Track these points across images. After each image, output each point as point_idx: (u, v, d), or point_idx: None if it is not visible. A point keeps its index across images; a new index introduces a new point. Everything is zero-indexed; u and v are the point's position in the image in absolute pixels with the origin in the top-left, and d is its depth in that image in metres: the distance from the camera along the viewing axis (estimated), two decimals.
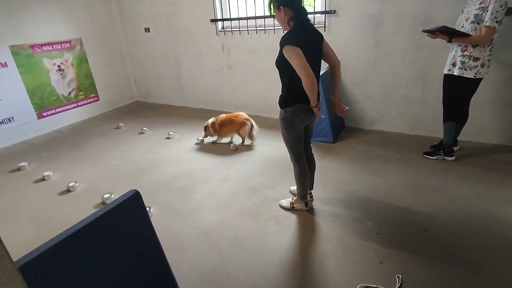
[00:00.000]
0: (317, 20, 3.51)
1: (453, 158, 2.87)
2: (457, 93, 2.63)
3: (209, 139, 3.68)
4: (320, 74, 2.03)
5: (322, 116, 1.98)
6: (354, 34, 3.37)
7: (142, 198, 1.27)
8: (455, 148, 2.99)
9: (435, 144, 3.09)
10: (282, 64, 1.82)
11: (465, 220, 2.13)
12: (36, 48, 4.12)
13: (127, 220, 1.23)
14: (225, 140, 3.64)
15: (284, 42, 1.73)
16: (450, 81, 2.65)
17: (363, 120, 3.72)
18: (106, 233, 1.16)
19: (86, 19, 4.65)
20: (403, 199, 2.40)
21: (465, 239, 1.96)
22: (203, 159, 3.24)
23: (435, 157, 2.92)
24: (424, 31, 2.50)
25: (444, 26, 2.38)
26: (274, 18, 1.88)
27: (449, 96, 2.70)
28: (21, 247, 2.15)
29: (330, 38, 3.44)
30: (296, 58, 1.70)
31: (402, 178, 2.68)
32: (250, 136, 3.41)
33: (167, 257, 1.93)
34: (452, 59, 2.57)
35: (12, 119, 3.99)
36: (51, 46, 4.27)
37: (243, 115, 3.42)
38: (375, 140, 3.44)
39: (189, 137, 3.82)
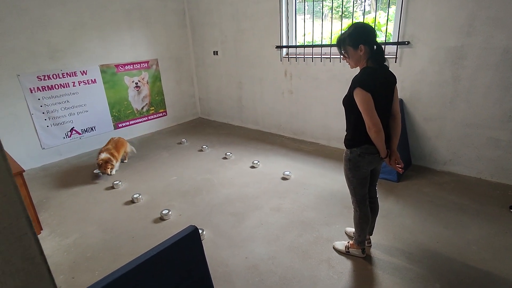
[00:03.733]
0: (387, 50, 3.33)
1: None
2: None
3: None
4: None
5: (400, 170, 1.84)
6: (429, 66, 3.12)
7: (199, 236, 1.30)
8: None
9: None
10: (350, 103, 1.75)
11: None
12: (120, 67, 4.65)
13: (183, 256, 1.26)
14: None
15: (356, 83, 1.66)
16: None
17: (433, 159, 3.37)
18: (162, 271, 1.19)
19: (163, 42, 5.13)
20: (482, 262, 2.07)
21: None
22: (256, 184, 3.25)
23: None
24: None
25: None
26: (343, 57, 1.82)
27: None
28: (89, 250, 2.37)
29: (401, 70, 3.26)
30: (364, 105, 1.64)
31: (481, 235, 2.32)
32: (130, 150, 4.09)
33: (215, 287, 1.94)
34: None
35: (94, 128, 4.52)
36: (132, 65, 4.79)
37: (115, 137, 3.90)
38: (447, 183, 3.07)
39: (244, 160, 3.88)
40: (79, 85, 4.25)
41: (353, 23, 1.79)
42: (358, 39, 1.68)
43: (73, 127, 4.30)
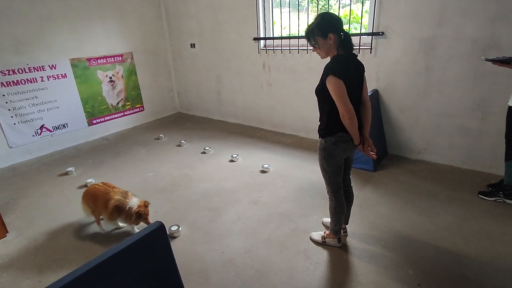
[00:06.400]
0: (363, 41, 3.35)
1: None
2: None
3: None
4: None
5: (374, 156, 1.86)
6: (403, 57, 3.16)
7: (166, 231, 1.25)
8: None
9: (493, 183, 2.73)
10: (323, 92, 1.74)
11: None
12: (92, 61, 4.46)
13: (149, 253, 1.21)
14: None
15: (329, 71, 1.65)
16: None
17: (408, 149, 3.44)
18: (128, 267, 1.14)
19: (138, 34, 4.96)
20: (453, 246, 2.13)
21: None
22: (235, 178, 3.21)
23: (492, 199, 2.58)
24: (487, 60, 2.24)
25: None
26: (313, 49, 1.81)
27: None
28: (59, 252, 2.27)
29: (377, 61, 3.29)
30: (337, 91, 1.63)
31: (452, 220, 2.39)
32: None
33: (189, 283, 1.91)
34: None
35: (67, 125, 4.33)
36: (105, 59, 4.61)
37: (96, 184, 2.50)
38: (421, 171, 3.15)
39: (223, 154, 3.83)
40: (48, 80, 4.05)
41: (318, 13, 1.78)
42: (327, 28, 1.67)
43: (43, 124, 4.10)
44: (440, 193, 2.75)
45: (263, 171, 3.32)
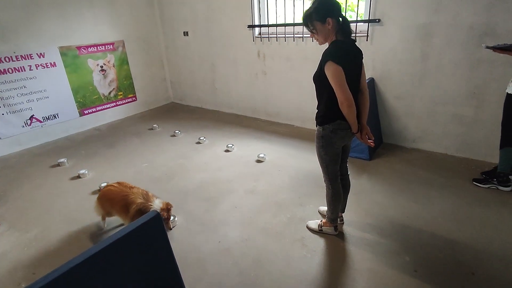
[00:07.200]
0: (359, 28, 3.30)
1: (508, 188, 2.53)
2: None
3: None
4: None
5: (371, 144, 1.84)
6: (399, 44, 3.12)
7: (162, 221, 1.22)
8: (511, 177, 2.64)
9: (487, 170, 2.76)
10: (321, 79, 1.70)
11: None
12: (82, 49, 4.33)
13: (145, 244, 1.18)
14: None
15: (328, 56, 1.60)
16: None
17: (403, 137, 3.44)
18: (123, 257, 1.11)
19: (129, 22, 4.82)
20: (448, 232, 2.15)
21: None
22: (230, 168, 3.19)
23: (486, 186, 2.60)
24: (488, 47, 2.22)
25: None
26: (310, 34, 1.77)
27: (510, 118, 2.39)
28: (53, 244, 2.23)
29: (373, 48, 3.25)
30: (336, 78, 1.59)
31: (447, 207, 2.41)
32: None
33: (187, 273, 1.90)
34: None
35: (57, 115, 4.24)
36: (95, 47, 4.48)
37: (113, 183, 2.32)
38: (416, 160, 3.16)
39: (218, 144, 3.79)
40: (37, 68, 3.93)
41: None
42: (325, 13, 1.63)
43: (33, 115, 3.99)
44: (435, 180, 2.77)
45: (258, 161, 3.30)
